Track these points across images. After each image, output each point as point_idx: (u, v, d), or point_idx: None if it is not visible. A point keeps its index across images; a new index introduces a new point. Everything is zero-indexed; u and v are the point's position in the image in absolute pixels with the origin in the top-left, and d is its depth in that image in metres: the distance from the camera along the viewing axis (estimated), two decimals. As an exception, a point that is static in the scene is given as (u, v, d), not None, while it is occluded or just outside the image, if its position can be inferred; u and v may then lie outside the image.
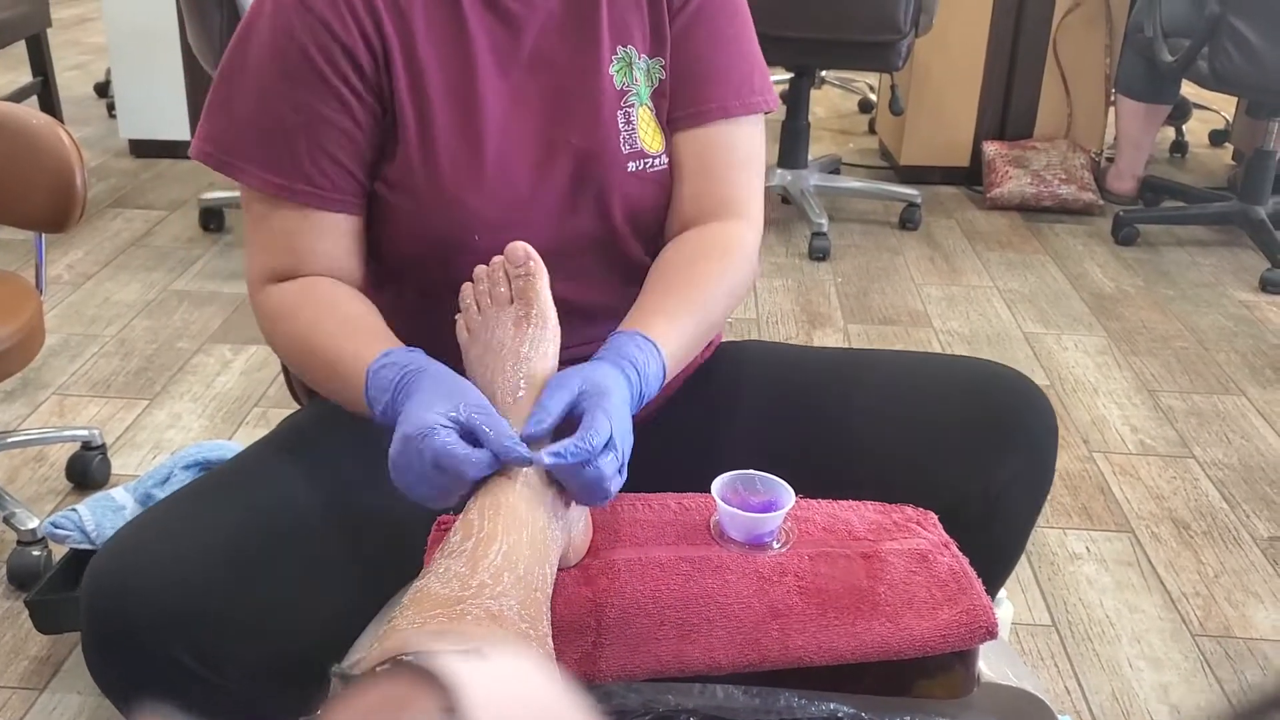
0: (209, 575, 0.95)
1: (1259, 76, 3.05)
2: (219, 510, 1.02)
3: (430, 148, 1.08)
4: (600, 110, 1.11)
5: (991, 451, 1.11)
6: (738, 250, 1.14)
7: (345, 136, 1.07)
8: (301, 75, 1.05)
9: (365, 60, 1.06)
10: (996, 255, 3.36)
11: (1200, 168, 4.22)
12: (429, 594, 0.80)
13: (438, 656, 0.60)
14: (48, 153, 1.79)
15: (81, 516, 1.71)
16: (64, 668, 1.68)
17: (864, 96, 4.93)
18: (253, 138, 1.07)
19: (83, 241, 3.28)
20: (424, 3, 1.08)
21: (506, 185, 1.09)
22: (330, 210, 1.08)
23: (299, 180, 1.07)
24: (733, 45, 1.16)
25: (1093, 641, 1.80)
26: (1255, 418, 2.47)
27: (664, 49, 1.14)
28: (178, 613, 0.92)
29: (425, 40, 1.08)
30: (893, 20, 3.08)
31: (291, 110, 1.06)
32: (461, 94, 1.09)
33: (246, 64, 1.07)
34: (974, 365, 1.21)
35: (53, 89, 4.03)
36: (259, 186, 1.08)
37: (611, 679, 0.90)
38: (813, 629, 0.91)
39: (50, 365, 2.56)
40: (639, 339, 1.00)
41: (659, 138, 1.15)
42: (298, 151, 1.06)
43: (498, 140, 1.09)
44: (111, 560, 0.96)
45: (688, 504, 1.05)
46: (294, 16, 1.05)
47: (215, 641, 0.93)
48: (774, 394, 1.21)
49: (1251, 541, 2.05)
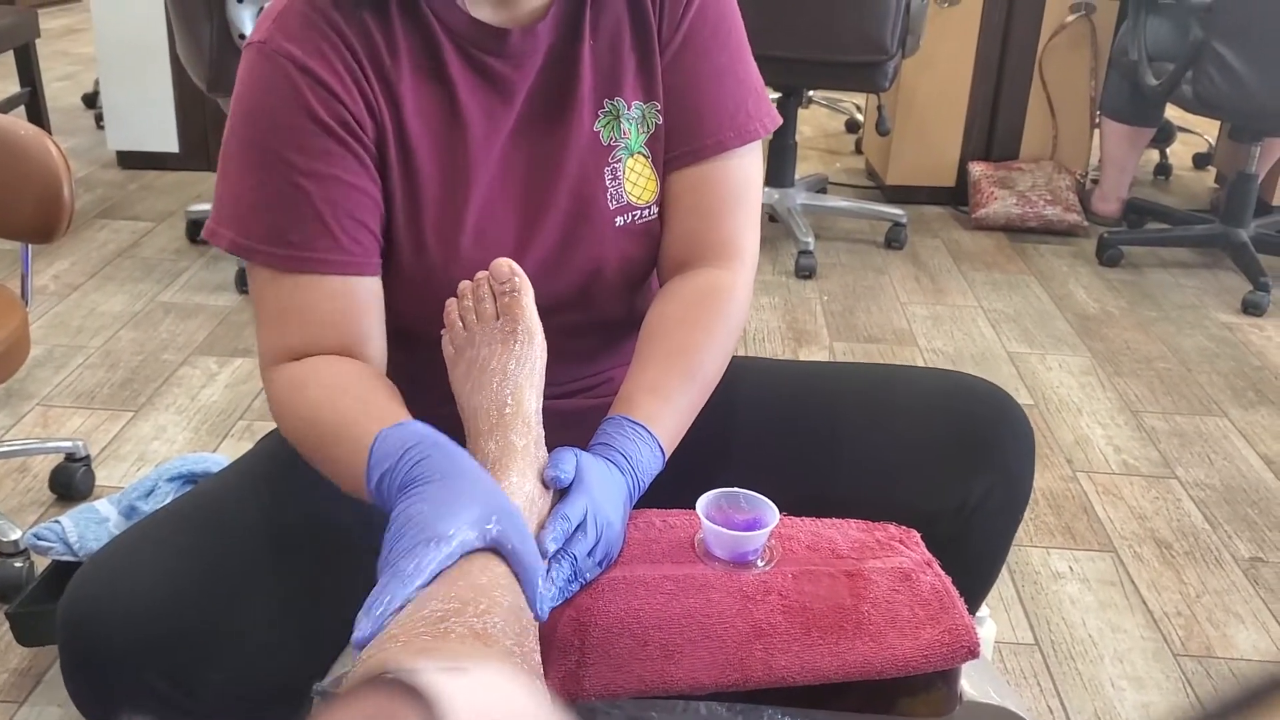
0: (181, 599, 0.94)
1: (1242, 101, 3.08)
2: (194, 533, 1.01)
3: (416, 222, 1.06)
4: (585, 169, 1.09)
5: (965, 467, 1.11)
6: (730, 301, 1.12)
7: (365, 195, 1.03)
8: (314, 142, 1.00)
9: (368, 125, 1.03)
10: (982, 275, 3.38)
11: (1184, 190, 4.25)
12: (412, 613, 0.80)
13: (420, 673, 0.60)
14: (35, 163, 1.79)
15: (64, 528, 1.71)
16: (44, 680, 1.67)
17: (851, 116, 4.95)
18: (267, 216, 1.02)
19: (69, 252, 3.27)
20: (412, 75, 1.04)
21: (489, 255, 1.06)
22: (360, 275, 1.03)
23: (327, 249, 1.01)
24: (726, 72, 1.13)
25: (1075, 661, 1.80)
26: (1237, 439, 2.49)
27: (657, 92, 1.12)
28: (150, 636, 0.92)
29: (414, 113, 1.05)
30: (880, 41, 3.10)
31: (308, 179, 1.01)
32: (450, 167, 1.06)
33: (249, 139, 1.02)
34: (951, 379, 1.20)
35: (41, 99, 4.03)
36: (279, 265, 1.01)
37: (595, 697, 0.90)
38: (796, 648, 0.91)
39: (35, 376, 2.55)
40: (641, 433, 1.00)
41: (651, 187, 1.13)
42: (322, 217, 1.01)
43: (481, 211, 1.07)
44: (86, 583, 0.96)
45: (672, 521, 1.05)
46: (299, 83, 1.00)
47: (188, 665, 0.93)
48: (757, 409, 1.21)
49: (1233, 562, 2.06)
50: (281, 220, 1.01)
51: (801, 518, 1.05)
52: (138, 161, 3.98)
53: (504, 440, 0.96)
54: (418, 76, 1.05)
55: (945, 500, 1.10)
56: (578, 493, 0.94)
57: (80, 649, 0.93)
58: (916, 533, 1.04)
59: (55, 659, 1.71)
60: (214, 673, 0.94)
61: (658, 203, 1.13)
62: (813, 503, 1.07)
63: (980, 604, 1.27)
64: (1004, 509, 1.15)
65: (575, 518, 0.92)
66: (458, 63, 1.05)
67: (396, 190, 1.05)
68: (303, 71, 1.00)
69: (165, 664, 0.92)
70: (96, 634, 0.92)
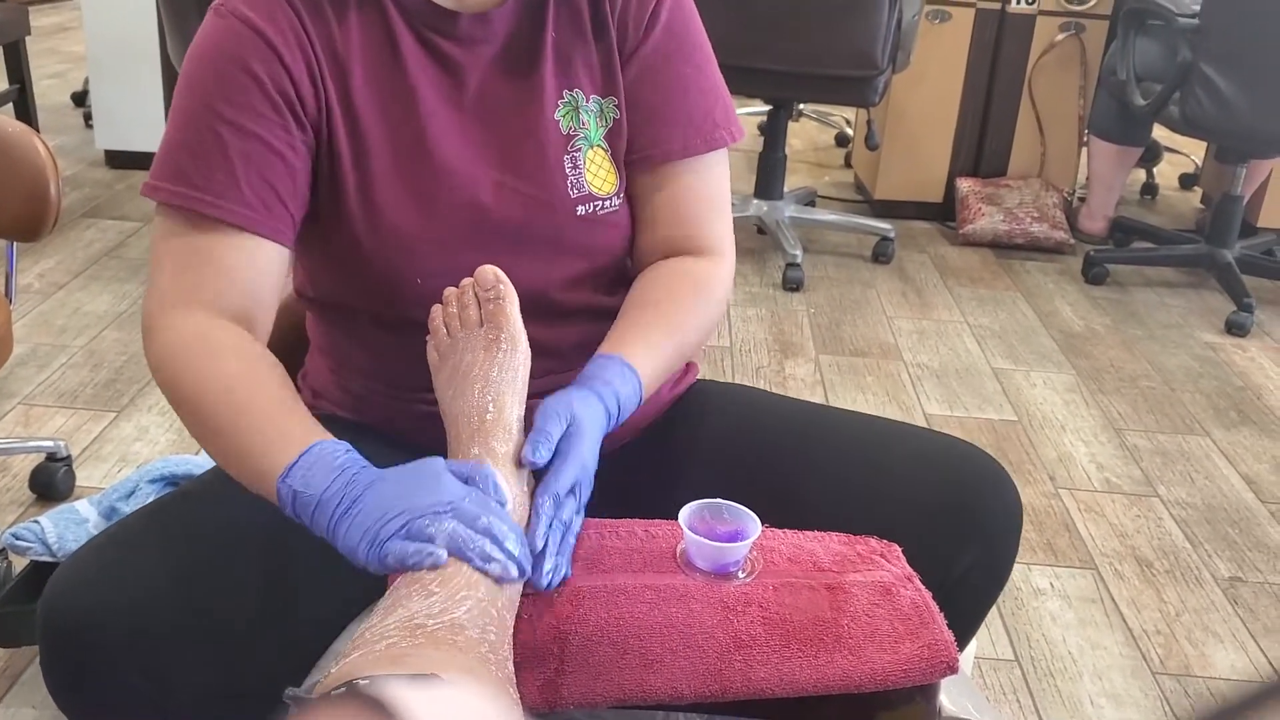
0: (160, 598, 0.94)
1: (1228, 123, 3.10)
2: (173, 532, 1.01)
3: (369, 195, 1.06)
4: (546, 155, 1.10)
5: (950, 538, 1.08)
6: (713, 286, 1.15)
7: (285, 166, 1.03)
8: (246, 98, 1.01)
9: (309, 95, 1.04)
10: (968, 291, 3.39)
11: (1170, 210, 4.27)
12: (391, 617, 0.80)
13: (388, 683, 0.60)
14: (22, 161, 1.78)
15: (44, 528, 1.70)
16: (21, 680, 1.66)
17: (841, 130, 4.96)
18: (187, 156, 1.02)
19: (55, 251, 3.26)
20: (361, 48, 1.06)
21: (451, 231, 1.08)
22: (261, 235, 1.03)
23: (233, 200, 1.01)
24: (692, 82, 1.15)
25: (1054, 677, 1.81)
26: (1219, 458, 2.50)
27: (616, 88, 1.13)
28: (129, 634, 0.92)
29: (363, 85, 1.06)
30: (870, 56, 3.11)
31: (230, 131, 1.01)
32: (405, 141, 1.07)
33: (189, 87, 1.04)
34: (942, 444, 1.17)
35: (29, 97, 4.01)
36: (184, 204, 1.02)
37: (574, 706, 0.90)
38: (775, 660, 0.91)
39: (17, 375, 2.54)
40: (623, 367, 1.03)
41: (612, 179, 1.13)
42: (234, 169, 1.01)
43: (447, 182, 1.07)
44: (66, 581, 0.95)
45: (654, 531, 1.05)
46: (246, 43, 1.02)
47: (168, 664, 0.92)
48: (741, 445, 1.19)
49: (1213, 581, 2.07)
50: (192, 163, 1.02)
51: (783, 530, 1.05)
52: (126, 161, 3.96)
53: (485, 446, 0.96)
54: (368, 50, 1.06)
55: (927, 571, 1.04)
56: (571, 460, 0.97)
57: (60, 646, 0.93)
58: (898, 547, 1.04)
59: (31, 660, 1.70)
60: (193, 672, 0.94)
61: (619, 195, 1.14)
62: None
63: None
64: (984, 583, 1.12)
65: (563, 487, 0.96)
66: (409, 39, 1.07)
67: (346, 162, 1.06)
68: (253, 32, 1.02)
69: (144, 662, 0.92)
70: (76, 631, 0.92)
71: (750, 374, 2.77)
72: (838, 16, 3.08)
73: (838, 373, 2.80)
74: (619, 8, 1.12)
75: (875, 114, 3.84)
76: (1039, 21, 3.74)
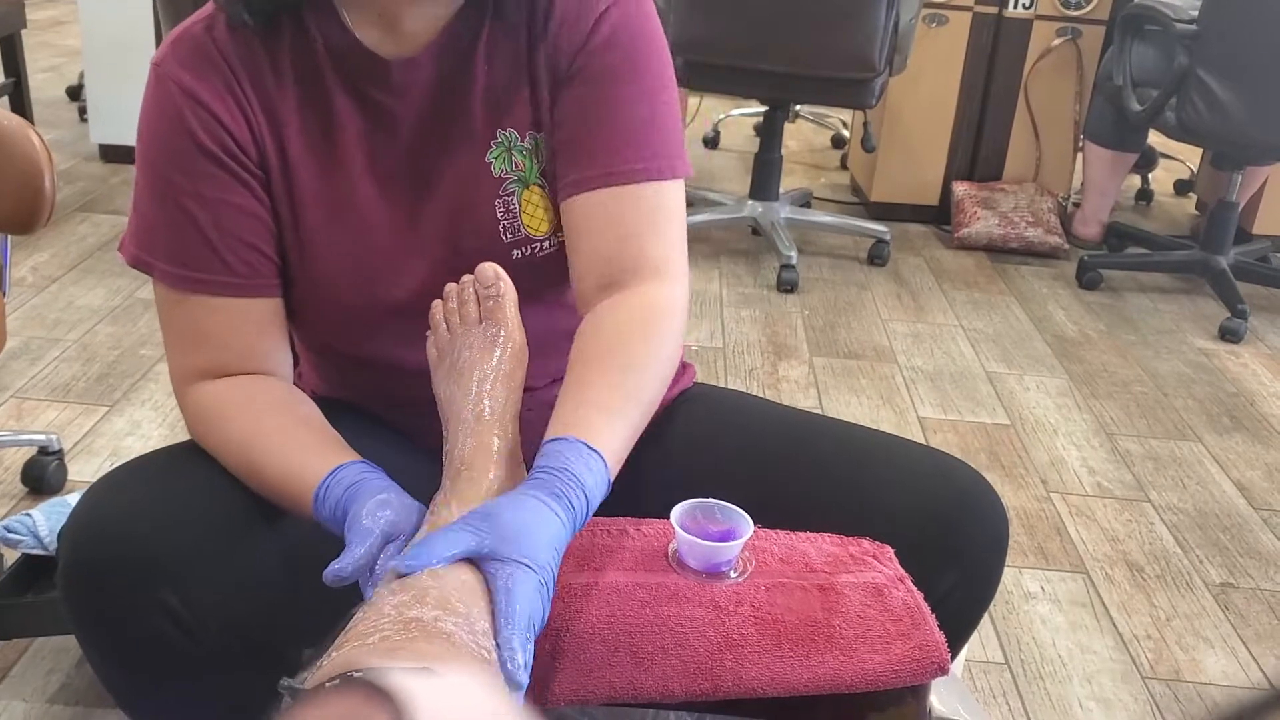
0: (209, 523, 0.96)
1: (1224, 129, 3.11)
2: (205, 466, 1.02)
3: (300, 245, 1.08)
4: (477, 202, 1.08)
5: (931, 558, 1.04)
6: (669, 318, 1.05)
7: (254, 218, 1.05)
8: (199, 166, 1.03)
9: (251, 150, 1.05)
10: (962, 294, 3.39)
11: (1164, 216, 4.28)
12: (383, 612, 0.80)
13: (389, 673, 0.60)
14: (17, 154, 1.78)
15: (35, 521, 1.69)
16: (10, 674, 1.66)
17: (837, 132, 4.97)
18: (164, 233, 1.05)
19: (49, 244, 3.25)
20: (296, 105, 1.06)
21: (385, 288, 1.09)
22: (252, 297, 1.06)
23: (218, 271, 1.04)
24: (628, 105, 1.07)
25: (1044, 681, 1.81)
26: (1211, 464, 2.50)
27: (547, 123, 1.08)
28: (173, 550, 0.93)
29: (296, 135, 1.06)
30: (868, 58, 3.11)
31: (195, 202, 1.03)
32: (331, 196, 1.07)
33: (146, 159, 1.05)
34: (930, 462, 1.12)
35: (25, 90, 4.00)
36: (173, 284, 1.05)
37: (565, 703, 0.90)
38: (767, 660, 0.92)
39: (10, 368, 2.53)
40: (586, 454, 0.91)
41: (550, 218, 1.10)
42: (210, 241, 1.04)
43: (361, 240, 1.08)
44: (107, 494, 0.97)
45: (646, 530, 1.05)
46: (184, 109, 1.03)
47: (203, 588, 0.93)
48: (732, 450, 1.17)
49: (1204, 586, 2.07)
50: (175, 241, 1.05)
51: (776, 530, 1.06)
52: (120, 155, 3.96)
53: (480, 443, 0.96)
54: (301, 102, 1.06)
55: None
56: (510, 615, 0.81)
57: (92, 559, 0.93)
58: (890, 548, 1.04)
59: (22, 653, 1.70)
60: (227, 600, 0.94)
61: (559, 234, 1.10)
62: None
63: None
64: (966, 606, 1.08)
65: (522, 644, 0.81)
66: (340, 91, 1.06)
67: (283, 212, 1.07)
68: (187, 95, 1.03)
69: (182, 581, 0.92)
70: (116, 541, 0.93)
71: (743, 375, 2.77)
72: (835, 19, 3.09)
73: (831, 375, 2.80)
74: (552, 35, 1.07)
75: (872, 116, 3.85)
76: (1036, 26, 3.75)
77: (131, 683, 0.98)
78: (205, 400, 1.05)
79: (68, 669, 1.67)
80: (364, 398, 1.19)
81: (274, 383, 1.08)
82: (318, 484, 0.95)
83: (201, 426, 1.05)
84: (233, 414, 1.03)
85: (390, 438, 1.15)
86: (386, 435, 1.15)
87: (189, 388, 1.07)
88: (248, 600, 0.95)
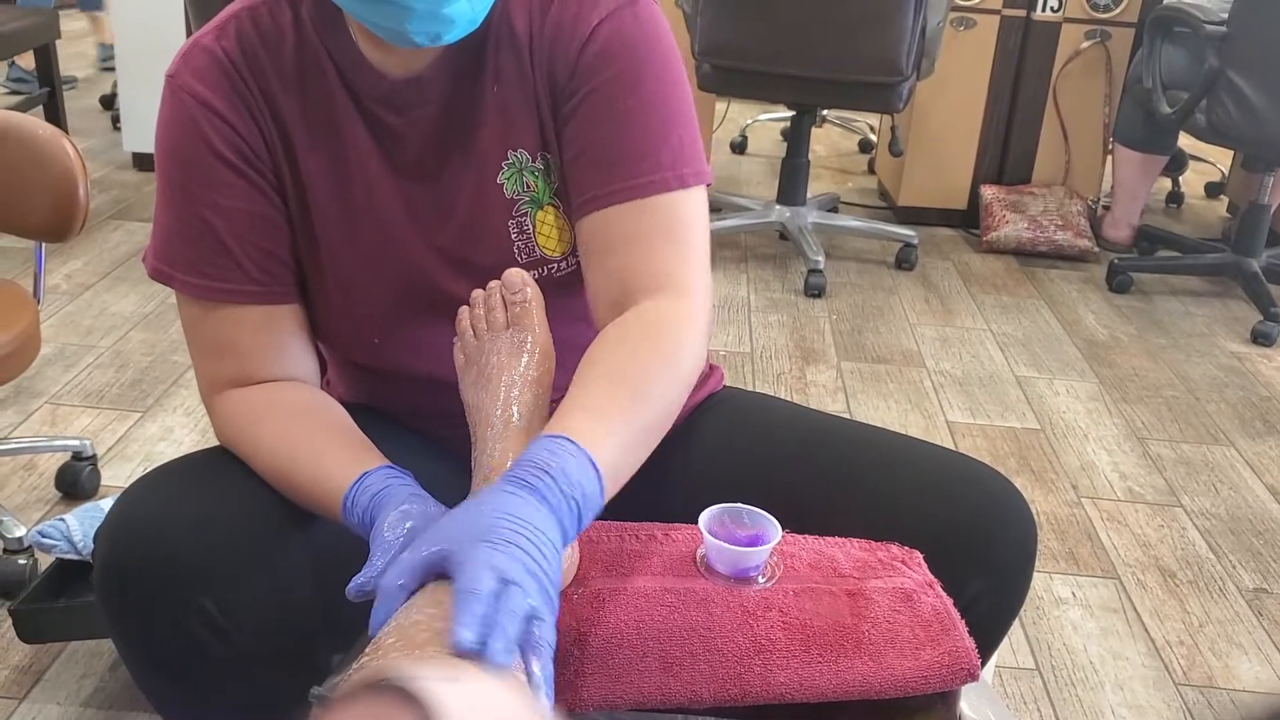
0: (243, 526, 0.97)
1: (1255, 131, 3.08)
2: (239, 473, 1.03)
3: (314, 257, 1.09)
4: (490, 224, 1.08)
5: (959, 564, 1.03)
6: (683, 331, 1.01)
7: (270, 224, 1.06)
8: (215, 174, 1.04)
9: (265, 155, 1.06)
10: (991, 298, 3.38)
11: (1195, 219, 4.25)
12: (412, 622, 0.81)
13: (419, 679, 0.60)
14: (52, 163, 1.80)
15: (69, 527, 1.71)
16: (45, 677, 1.68)
17: (864, 136, 4.96)
18: (182, 244, 1.06)
19: (82, 252, 3.29)
20: (305, 118, 1.06)
21: (397, 301, 1.09)
22: (272, 303, 1.08)
23: (237, 279, 1.05)
24: (634, 118, 1.04)
25: (1076, 687, 1.80)
26: (1244, 469, 2.48)
27: (554, 145, 1.07)
28: (208, 553, 0.94)
29: (308, 155, 1.07)
30: (895, 62, 3.11)
31: (212, 211, 1.04)
32: (350, 212, 1.08)
33: (164, 172, 1.07)
34: (958, 468, 1.11)
35: (59, 100, 4.05)
36: (194, 294, 1.06)
37: (593, 708, 0.90)
38: (796, 665, 0.92)
39: (44, 374, 2.56)
40: (548, 441, 0.86)
41: (566, 238, 1.09)
42: (229, 250, 1.05)
43: (394, 254, 1.08)
44: (142, 498, 0.99)
45: (674, 535, 1.05)
46: (199, 117, 1.04)
47: (237, 591, 0.94)
48: (759, 454, 1.17)
49: (1237, 592, 2.05)
50: (195, 252, 1.05)
51: (804, 535, 1.06)
52: (153, 164, 3.98)
53: (509, 448, 0.96)
54: (313, 120, 1.07)
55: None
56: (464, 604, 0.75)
57: (124, 563, 0.95)
58: (919, 553, 1.04)
59: (57, 656, 1.71)
60: (262, 604, 0.95)
61: (575, 254, 1.09)
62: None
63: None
64: (994, 613, 1.06)
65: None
66: (350, 110, 1.07)
67: (295, 222, 1.08)
68: (202, 105, 1.04)
69: (219, 583, 0.94)
70: (157, 542, 0.94)
71: (771, 380, 2.77)
72: (862, 23, 3.08)
73: (859, 380, 2.79)
74: (547, 56, 1.05)
75: (899, 120, 3.84)
76: (1064, 29, 3.73)
77: (164, 683, 0.99)
78: (233, 408, 1.06)
79: (101, 673, 1.69)
80: (392, 409, 1.19)
81: (301, 388, 1.09)
82: (345, 490, 0.96)
83: (231, 435, 1.06)
84: (261, 422, 1.04)
85: (419, 444, 1.16)
86: (415, 441, 1.16)
87: (216, 396, 1.08)
88: (280, 604, 0.96)
